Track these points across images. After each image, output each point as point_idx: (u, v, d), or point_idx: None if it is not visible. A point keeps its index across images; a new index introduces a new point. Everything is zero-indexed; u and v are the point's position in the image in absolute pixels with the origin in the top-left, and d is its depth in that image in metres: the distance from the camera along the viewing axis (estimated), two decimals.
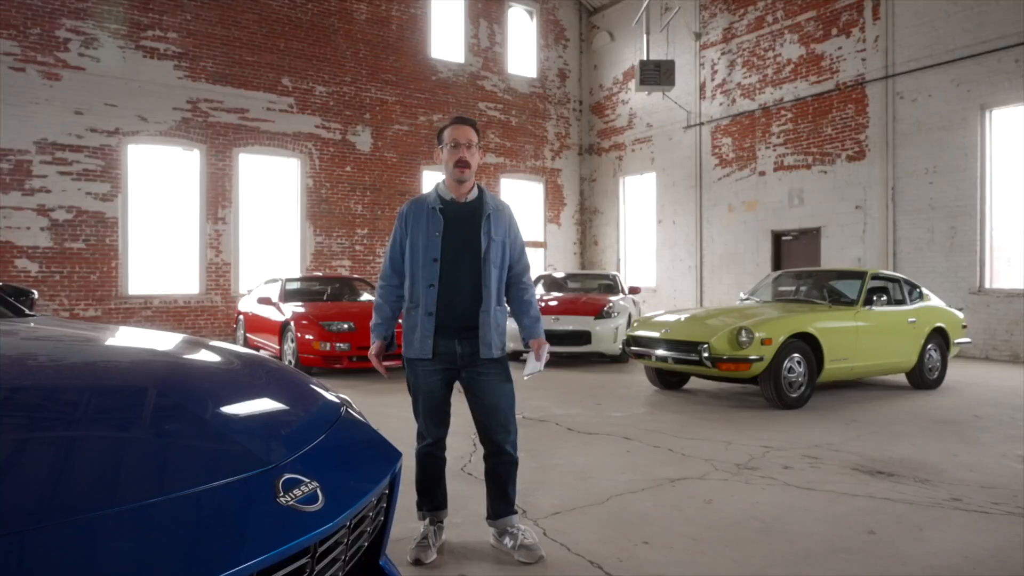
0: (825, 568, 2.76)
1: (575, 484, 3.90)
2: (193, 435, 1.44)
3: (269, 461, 1.43)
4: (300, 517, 1.35)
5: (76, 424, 1.33)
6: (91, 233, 11.96)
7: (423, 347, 2.84)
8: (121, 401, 1.50)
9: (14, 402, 1.38)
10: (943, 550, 2.95)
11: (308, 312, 8.73)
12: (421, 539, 2.88)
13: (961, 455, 4.61)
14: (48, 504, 1.07)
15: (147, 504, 1.15)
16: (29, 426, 1.30)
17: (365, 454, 1.78)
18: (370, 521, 1.75)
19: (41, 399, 1.42)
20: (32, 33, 11.52)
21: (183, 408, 1.53)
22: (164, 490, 1.20)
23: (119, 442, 1.32)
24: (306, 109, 14.06)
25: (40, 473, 1.14)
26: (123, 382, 1.67)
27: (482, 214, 2.87)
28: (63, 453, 1.22)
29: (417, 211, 2.90)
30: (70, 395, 1.47)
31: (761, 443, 4.91)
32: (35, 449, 1.23)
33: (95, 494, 1.13)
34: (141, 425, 1.41)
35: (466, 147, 2.82)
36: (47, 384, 1.54)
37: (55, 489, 1.10)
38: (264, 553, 1.23)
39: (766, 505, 3.54)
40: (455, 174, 2.83)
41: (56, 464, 1.18)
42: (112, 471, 1.22)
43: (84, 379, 1.63)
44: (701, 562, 2.81)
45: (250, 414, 1.66)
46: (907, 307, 7.48)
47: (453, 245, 2.83)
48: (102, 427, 1.36)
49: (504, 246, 2.92)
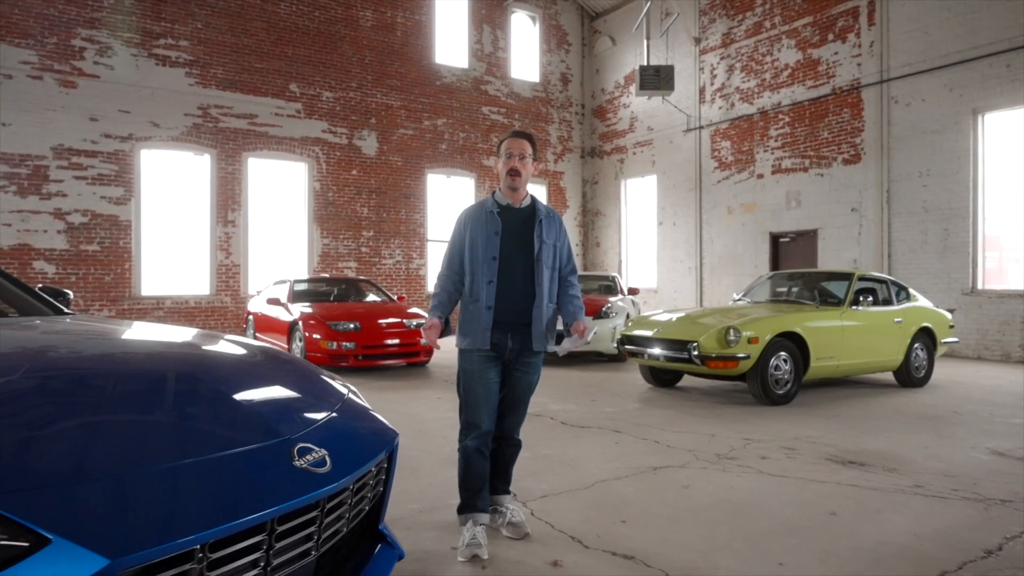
0: (783, 543, 3.04)
1: (564, 472, 4.19)
2: (227, 410, 1.74)
3: (287, 432, 1.73)
4: (312, 477, 1.65)
5: (134, 401, 1.64)
6: (105, 236, 12.31)
7: (483, 339, 3.03)
8: (165, 383, 1.81)
9: (84, 383, 1.69)
10: (896, 529, 3.23)
11: (315, 312, 9.04)
12: (471, 541, 2.88)
13: (932, 447, 4.88)
14: (129, 456, 1.38)
15: (196, 460, 1.46)
16: (98, 403, 1.61)
17: (366, 431, 2.08)
18: (371, 488, 2.05)
19: (102, 381, 1.73)
20: (49, 42, 11.89)
21: (217, 390, 1.83)
22: (207, 451, 1.51)
23: (170, 415, 1.63)
24: (313, 114, 14.39)
25: (117, 435, 1.45)
26: (165, 368, 1.98)
27: (535, 219, 3.12)
28: (131, 422, 1.53)
29: (477, 214, 3.13)
30: (123, 379, 1.78)
31: (743, 436, 5.19)
32: (109, 419, 1.53)
33: (158, 452, 1.44)
34: (185, 402, 1.72)
35: (519, 158, 3.06)
36: (104, 369, 1.85)
37: (132, 446, 1.42)
38: (283, 503, 1.54)
39: (739, 490, 3.83)
40: (508, 182, 3.08)
41: (129, 429, 1.49)
42: (167, 436, 1.54)
43: (132, 366, 1.94)
44: (671, 538, 3.10)
45: (271, 395, 1.97)
46: (893, 307, 7.73)
47: (509, 246, 3.07)
48: (155, 404, 1.67)
49: (555, 249, 3.17)
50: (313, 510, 1.68)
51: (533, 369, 3.15)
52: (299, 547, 1.67)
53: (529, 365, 3.12)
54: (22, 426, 1.42)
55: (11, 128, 11.59)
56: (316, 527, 1.71)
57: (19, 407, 1.51)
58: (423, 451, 4.61)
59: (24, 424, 1.43)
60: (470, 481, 3.06)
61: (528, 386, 3.17)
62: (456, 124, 16.33)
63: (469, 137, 16.51)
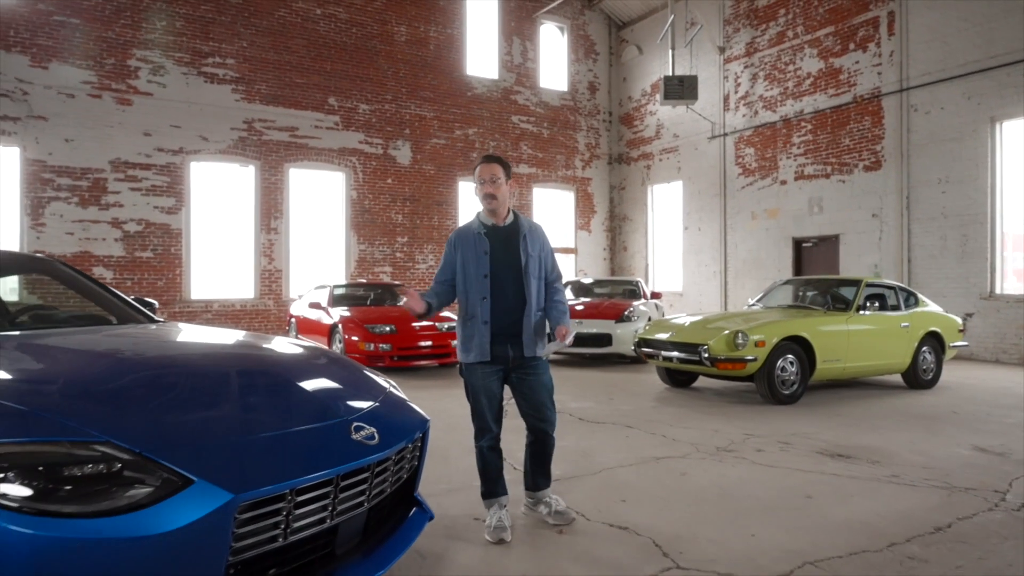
0: (759, 519, 3.53)
1: (576, 460, 4.71)
2: (303, 396, 2.35)
3: (346, 414, 2.32)
4: (364, 448, 2.23)
5: (239, 388, 2.24)
6: (158, 243, 13.17)
7: (482, 352, 3.31)
8: (259, 375, 2.41)
9: (200, 374, 2.29)
10: (862, 510, 3.69)
11: (354, 316, 9.69)
12: (497, 524, 3.27)
13: (920, 444, 5.29)
14: (242, 427, 1.98)
15: (286, 431, 2.06)
16: (215, 389, 2.21)
17: (405, 416, 2.65)
18: (408, 461, 2.62)
19: (212, 372, 2.34)
20: (107, 63, 12.78)
21: (294, 381, 2.43)
22: (293, 425, 2.10)
23: (265, 398, 2.23)
24: (351, 126, 15.11)
25: (232, 411, 2.05)
26: (257, 363, 2.59)
27: (519, 235, 3.44)
28: (240, 402, 2.13)
29: (464, 237, 3.44)
30: (225, 371, 2.39)
31: (744, 431, 5.65)
32: (225, 400, 2.13)
33: (260, 425, 2.03)
34: (274, 389, 2.32)
35: (491, 182, 3.36)
36: (210, 364, 2.46)
37: (243, 419, 2.01)
38: (342, 464, 2.11)
39: (730, 477, 4.31)
40: (486, 204, 3.41)
41: (239, 407, 2.09)
42: (265, 413, 2.13)
43: (230, 361, 2.55)
44: (662, 514, 3.61)
45: (333, 386, 2.56)
46: (901, 312, 8.08)
47: (498, 262, 3.37)
48: (253, 390, 2.26)
49: (540, 260, 3.48)
50: (365, 472, 2.25)
51: (541, 370, 3.45)
52: (355, 499, 2.24)
53: (535, 368, 3.42)
54: (172, 407, 2.02)
55: (73, 144, 12.50)
56: (367, 485, 2.28)
57: (165, 393, 2.11)
58: (452, 441, 5.17)
59: (171, 405, 2.03)
60: (489, 472, 3.44)
61: (542, 386, 3.44)
62: (487, 133, 16.92)
63: (499, 145, 17.09)
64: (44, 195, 12.31)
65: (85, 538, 1.65)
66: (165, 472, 1.78)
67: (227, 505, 1.80)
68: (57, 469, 1.71)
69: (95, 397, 2.05)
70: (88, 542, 1.65)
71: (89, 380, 2.20)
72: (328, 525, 2.13)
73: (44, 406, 1.91)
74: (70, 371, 2.30)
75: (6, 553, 1.58)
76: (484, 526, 3.35)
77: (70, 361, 2.42)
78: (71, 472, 1.72)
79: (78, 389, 2.09)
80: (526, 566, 2.97)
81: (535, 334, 3.43)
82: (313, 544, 2.14)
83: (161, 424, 1.93)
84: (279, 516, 1.95)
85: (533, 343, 3.41)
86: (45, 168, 12.32)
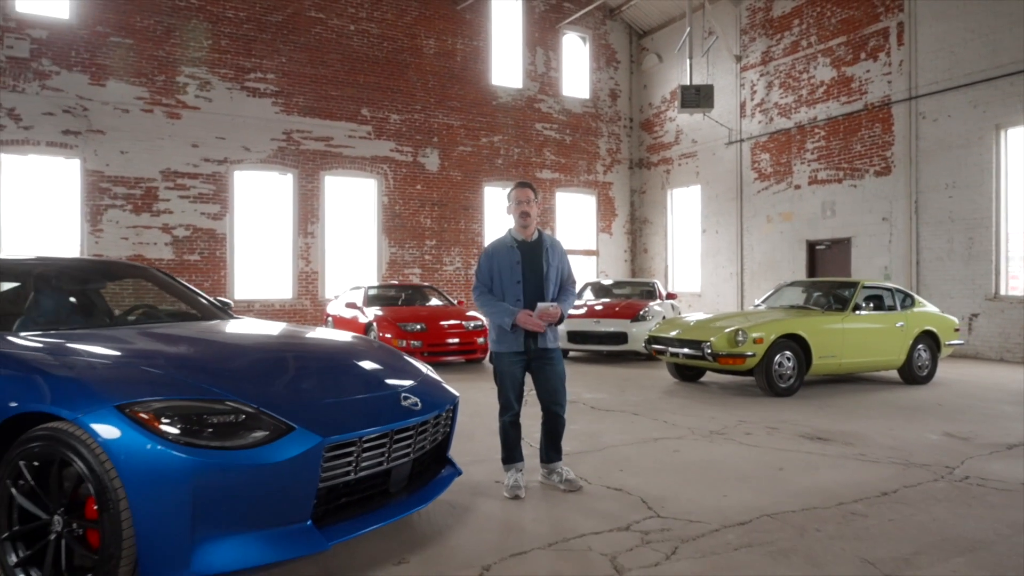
0: (733, 485, 4.20)
1: (585, 440, 5.42)
2: (366, 373, 3.10)
3: (397, 388, 3.07)
4: (410, 412, 2.97)
5: (318, 365, 3.01)
6: (204, 247, 14.12)
7: (517, 344, 4.06)
8: (331, 356, 3.18)
9: (285, 354, 3.06)
10: (824, 479, 4.34)
11: (387, 315, 10.48)
12: (514, 484, 4.01)
13: (894, 430, 5.90)
14: (326, 391, 2.74)
15: (356, 397, 2.81)
16: (300, 366, 2.97)
17: (439, 392, 3.40)
18: (442, 426, 3.37)
19: (293, 354, 3.10)
20: (158, 80, 13.76)
21: (358, 363, 3.19)
22: (360, 393, 2.86)
23: (339, 373, 2.98)
24: (382, 135, 15.94)
25: (316, 381, 2.81)
26: (328, 348, 3.36)
27: (543, 248, 4.19)
28: (320, 375, 2.89)
29: (499, 249, 4.19)
30: (303, 352, 3.15)
31: (738, 419, 6.31)
32: (310, 373, 2.90)
33: (339, 390, 2.79)
34: (344, 367, 3.08)
35: (526, 203, 4.14)
36: (291, 348, 3.23)
37: (324, 387, 2.77)
38: (394, 423, 2.86)
39: (716, 454, 4.99)
40: (520, 222, 4.16)
41: (321, 378, 2.85)
42: (341, 384, 2.88)
43: (305, 346, 3.31)
44: (652, 480, 4.30)
45: (387, 367, 3.30)
46: (896, 312, 8.64)
47: (527, 270, 4.11)
48: (330, 367, 3.03)
49: (558, 269, 4.22)
50: (410, 431, 2.99)
51: (556, 361, 4.21)
52: (403, 451, 2.98)
53: (551, 359, 4.18)
54: (272, 377, 2.78)
55: (128, 155, 13.49)
56: (412, 441, 3.02)
57: (264, 367, 2.88)
58: (477, 425, 5.89)
59: (271, 376, 2.80)
60: (509, 442, 4.19)
61: (557, 375, 4.21)
62: (511, 140, 17.66)
63: (523, 152, 17.82)
64: (102, 203, 13.32)
65: (222, 463, 2.40)
66: (274, 422, 2.53)
67: (318, 446, 2.55)
68: (202, 417, 2.47)
69: (216, 370, 2.81)
70: (224, 466, 2.40)
71: (209, 358, 2.98)
72: (384, 468, 2.87)
73: (185, 376, 2.67)
74: (194, 352, 3.08)
75: (174, 468, 2.34)
76: (503, 486, 4.07)
77: (190, 345, 3.20)
78: (211, 420, 2.48)
79: (204, 364, 2.86)
80: (536, 515, 3.69)
81: (549, 329, 4.15)
82: (373, 482, 2.89)
83: (267, 389, 2.69)
84: (351, 457, 2.70)
85: (546, 336, 4.15)
86: (103, 178, 13.32)
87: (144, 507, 2.34)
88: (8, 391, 2.69)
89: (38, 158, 13.00)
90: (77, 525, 2.47)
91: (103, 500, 2.35)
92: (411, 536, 3.30)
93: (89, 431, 2.39)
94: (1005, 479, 4.39)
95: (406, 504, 3.00)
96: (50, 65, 12.93)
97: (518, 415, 4.22)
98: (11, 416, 2.59)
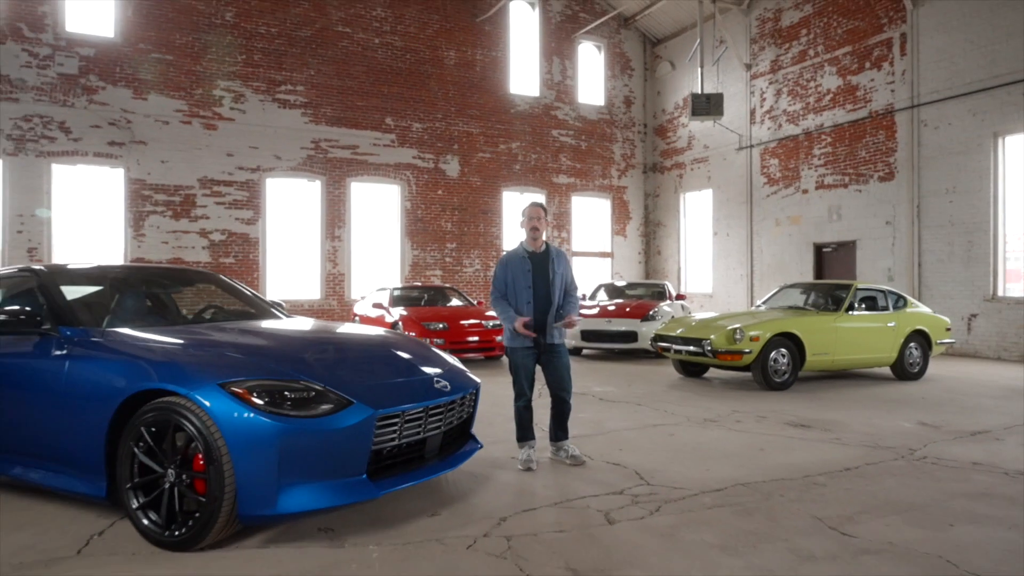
0: (716, 462, 4.86)
1: (591, 425, 6.10)
2: (407, 361, 3.81)
3: (431, 373, 3.78)
4: (442, 392, 3.69)
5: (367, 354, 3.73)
6: (238, 250, 14.97)
7: (529, 340, 4.78)
8: (376, 347, 3.90)
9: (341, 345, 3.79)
10: (798, 458, 4.98)
11: (411, 314, 11.21)
12: (527, 458, 4.72)
13: (873, 419, 6.50)
14: (377, 375, 3.46)
15: (400, 380, 3.54)
16: (356, 355, 3.70)
17: (464, 378, 4.10)
18: (467, 407, 4.07)
19: (347, 345, 3.83)
20: (196, 94, 14.63)
21: (398, 353, 3.90)
22: (402, 376, 3.58)
23: (384, 361, 3.71)
24: (405, 143, 16.71)
25: (368, 367, 3.54)
26: (373, 341, 4.08)
27: (549, 259, 4.93)
28: (370, 362, 3.62)
29: (512, 259, 4.93)
30: (353, 344, 3.88)
31: (732, 409, 6.95)
32: (361, 360, 3.62)
33: (386, 374, 3.51)
34: (387, 357, 3.79)
35: (537, 220, 4.90)
36: (345, 341, 3.96)
37: (375, 371, 3.50)
38: (429, 401, 3.57)
39: (706, 437, 5.64)
40: (531, 236, 4.91)
41: (371, 365, 3.58)
42: (387, 369, 3.61)
43: (354, 339, 4.04)
44: (647, 457, 4.97)
45: (420, 356, 4.01)
46: (888, 313, 9.21)
47: (536, 277, 4.84)
48: (376, 356, 3.75)
49: (562, 276, 4.95)
50: (441, 408, 3.70)
51: (562, 354, 4.94)
52: (435, 424, 3.68)
53: (558, 352, 4.91)
54: (333, 363, 3.51)
55: (168, 164, 14.37)
56: (442, 417, 3.73)
57: (325, 354, 3.61)
58: (495, 414, 6.58)
59: (332, 362, 3.52)
60: (522, 423, 4.93)
61: (563, 365, 4.93)
62: (528, 147, 18.35)
63: (540, 158, 18.50)
64: (144, 209, 14.20)
65: (300, 428, 3.12)
66: (337, 397, 3.24)
67: (371, 417, 3.26)
68: (283, 393, 3.18)
69: (287, 357, 3.53)
70: (301, 430, 3.12)
71: (279, 348, 3.71)
72: (420, 437, 3.58)
73: (265, 361, 3.40)
74: (266, 343, 3.81)
75: (263, 432, 3.05)
76: (518, 460, 4.77)
77: (261, 337, 3.93)
78: (289, 395, 3.19)
79: (276, 352, 3.59)
80: (545, 483, 4.38)
81: (555, 328, 4.89)
82: (412, 448, 3.60)
83: (330, 372, 3.41)
84: (395, 427, 3.41)
85: (552, 334, 4.89)
86: (145, 186, 14.21)
87: (241, 461, 3.06)
88: (121, 374, 3.42)
89: (86, 168, 13.91)
90: (186, 476, 3.19)
91: (210, 456, 3.07)
92: (441, 495, 4.01)
93: (199, 403, 3.12)
94: (958, 459, 5.00)
95: (438, 467, 3.71)
96: (97, 81, 13.83)
97: (530, 400, 4.93)
98: (133, 393, 3.31)
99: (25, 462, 3.70)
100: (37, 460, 3.64)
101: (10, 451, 3.75)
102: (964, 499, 4.06)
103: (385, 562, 3.10)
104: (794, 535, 3.45)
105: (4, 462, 3.78)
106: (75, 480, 3.47)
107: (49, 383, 3.56)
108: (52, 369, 3.58)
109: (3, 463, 3.78)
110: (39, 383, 3.62)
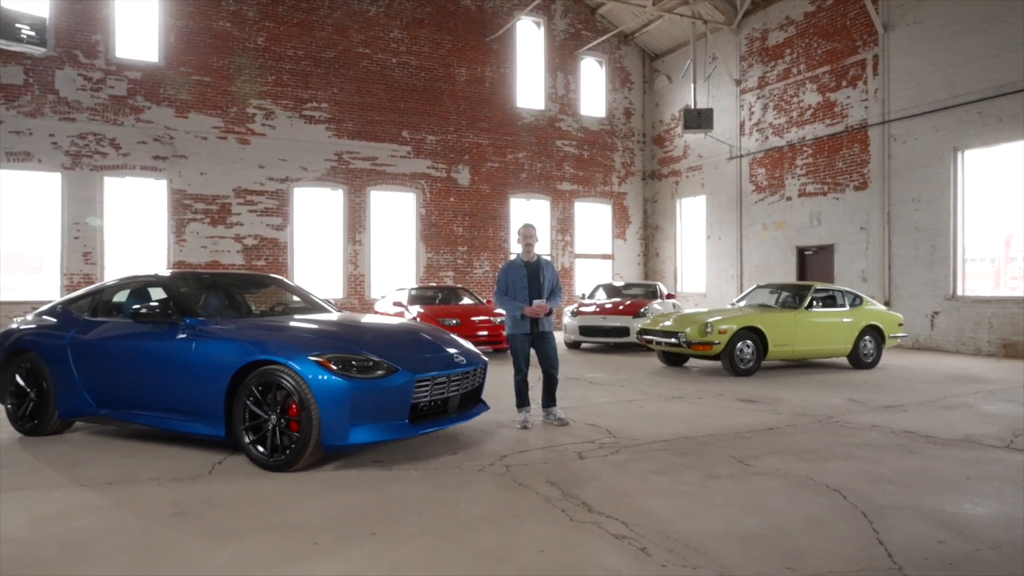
0: (671, 424, 6.25)
1: (578, 401, 7.50)
2: (433, 343, 5.26)
3: (452, 353, 5.23)
4: (459, 364, 5.15)
5: (406, 337, 5.19)
6: (269, 254, 16.46)
7: (525, 328, 6.21)
8: (410, 333, 5.35)
9: (388, 330, 5.25)
10: (737, 422, 6.36)
11: (427, 312, 12.64)
12: (523, 420, 6.13)
13: (812, 397, 7.87)
14: (415, 351, 4.92)
15: (432, 355, 4.98)
16: (399, 338, 5.16)
17: (476, 355, 5.54)
18: (478, 377, 5.52)
19: (391, 331, 5.29)
20: (231, 111, 16.13)
21: (426, 337, 5.34)
22: (432, 352, 5.02)
23: (417, 343, 5.16)
24: (420, 154, 18.16)
25: (409, 346, 5.00)
26: (407, 328, 5.53)
27: (540, 267, 6.41)
28: (409, 344, 5.07)
29: (512, 267, 6.37)
30: (393, 331, 5.33)
31: (698, 389, 8.33)
32: (404, 343, 5.08)
33: (420, 350, 4.97)
34: (420, 340, 5.24)
35: (529, 237, 6.41)
36: (389, 329, 5.41)
37: (412, 348, 4.96)
38: (451, 370, 5.03)
39: (668, 409, 7.04)
40: (525, 250, 6.42)
41: (410, 345, 5.04)
42: (420, 348, 5.06)
43: (393, 327, 5.49)
44: (618, 421, 6.37)
45: (443, 339, 5.45)
46: (844, 310, 10.55)
47: (530, 281, 6.31)
48: (412, 339, 5.20)
49: (550, 280, 6.44)
50: (459, 376, 5.13)
51: (551, 339, 6.37)
52: (455, 388, 5.12)
53: (547, 338, 6.34)
54: (383, 343, 4.95)
55: (206, 176, 15.87)
56: (460, 382, 5.16)
57: (377, 337, 5.06)
58: (500, 393, 7.93)
59: (383, 342, 4.97)
60: (520, 392, 6.34)
61: (551, 348, 6.35)
62: (534, 156, 19.76)
63: (545, 167, 19.90)
64: (185, 217, 15.71)
65: (363, 386, 4.54)
66: (388, 365, 4.66)
67: (411, 379, 4.69)
68: (350, 363, 4.60)
69: (349, 338, 4.95)
70: (364, 387, 4.54)
71: (342, 331, 5.14)
72: (445, 396, 5.01)
73: (335, 341, 4.83)
74: (331, 328, 5.23)
75: (339, 388, 4.48)
76: (516, 421, 6.22)
77: (326, 325, 5.35)
78: (355, 364, 4.61)
79: (341, 335, 5.02)
80: (536, 436, 5.79)
81: (545, 320, 6.30)
82: (438, 405, 5.02)
83: (381, 348, 4.83)
84: (427, 388, 4.84)
85: (543, 324, 6.30)
86: (185, 196, 15.72)
87: (323, 408, 4.48)
88: (235, 350, 4.84)
89: (133, 180, 15.44)
90: (284, 420, 4.62)
91: (303, 404, 4.50)
92: (458, 441, 5.44)
93: (295, 369, 4.54)
94: (862, 423, 6.37)
95: (457, 419, 5.14)
96: (143, 101, 15.35)
97: (526, 376, 6.36)
98: (246, 363, 4.73)
99: (163, 416, 5.14)
100: (173, 413, 5.08)
101: (152, 408, 5.20)
102: (849, 447, 5.43)
103: (421, 479, 4.52)
104: (711, 465, 4.84)
105: (148, 416, 5.23)
106: (203, 426, 4.91)
107: (182, 358, 5.00)
108: (182, 348, 5.02)
109: (148, 417, 5.23)
110: (173, 358, 5.06)
